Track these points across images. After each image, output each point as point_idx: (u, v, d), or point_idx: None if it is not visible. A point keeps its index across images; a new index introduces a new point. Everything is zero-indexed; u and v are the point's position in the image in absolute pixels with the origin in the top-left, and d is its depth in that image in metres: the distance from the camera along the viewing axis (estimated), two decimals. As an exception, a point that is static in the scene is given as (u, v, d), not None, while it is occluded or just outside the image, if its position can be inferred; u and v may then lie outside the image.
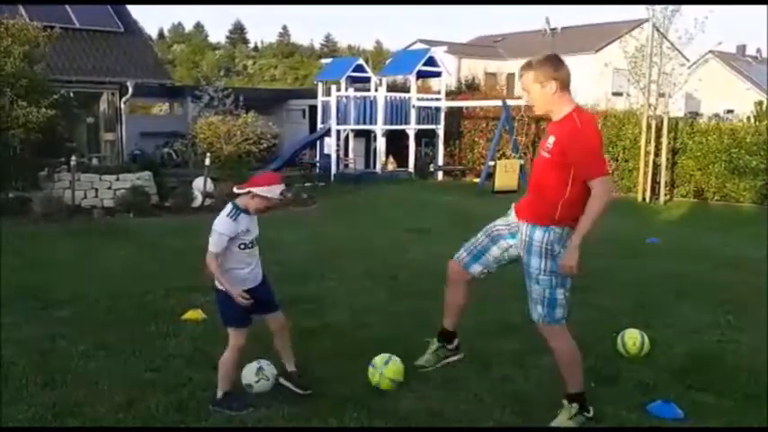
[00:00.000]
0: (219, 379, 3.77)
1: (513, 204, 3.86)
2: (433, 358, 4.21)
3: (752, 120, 16.73)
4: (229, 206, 3.71)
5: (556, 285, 3.54)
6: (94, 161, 14.07)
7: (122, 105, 16.13)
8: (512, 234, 3.77)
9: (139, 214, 11.43)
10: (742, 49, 37.86)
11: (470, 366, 4.45)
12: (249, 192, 3.64)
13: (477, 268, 3.95)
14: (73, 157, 11.84)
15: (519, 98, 19.13)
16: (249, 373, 3.92)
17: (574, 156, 3.38)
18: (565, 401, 3.61)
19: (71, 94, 13.70)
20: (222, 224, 3.63)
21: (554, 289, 3.54)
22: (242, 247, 3.68)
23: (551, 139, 3.50)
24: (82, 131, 15.96)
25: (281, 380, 3.98)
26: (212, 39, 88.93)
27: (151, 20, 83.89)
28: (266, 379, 3.92)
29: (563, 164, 3.41)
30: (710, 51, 31.40)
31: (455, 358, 4.24)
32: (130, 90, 15.72)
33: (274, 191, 3.66)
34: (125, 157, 16.10)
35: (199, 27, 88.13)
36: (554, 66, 3.48)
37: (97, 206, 11.82)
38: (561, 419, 3.57)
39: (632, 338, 4.71)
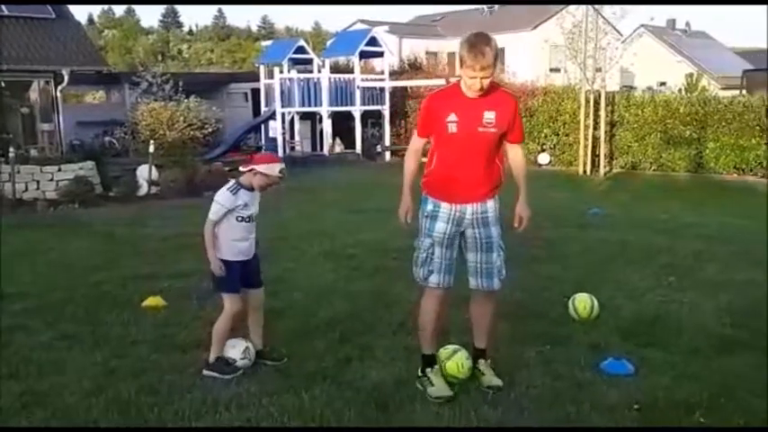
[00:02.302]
0: (213, 344, 4.00)
1: (438, 201, 3.70)
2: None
3: (683, 91, 17.41)
4: (232, 182, 4.00)
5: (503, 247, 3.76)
6: (33, 152, 13.67)
7: (58, 94, 15.67)
8: (458, 224, 3.68)
9: (84, 205, 11.22)
10: (672, 23, 39.04)
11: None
12: (252, 169, 3.93)
13: (452, 278, 3.78)
14: (11, 149, 11.49)
15: (461, 77, 19.40)
16: (236, 351, 4.03)
17: (515, 124, 3.64)
18: (485, 361, 3.87)
19: (2, 84, 13.24)
20: (222, 196, 3.92)
21: (504, 250, 3.75)
22: (239, 219, 3.95)
23: (491, 114, 3.53)
24: (17, 122, 15.45)
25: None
26: (144, 23, 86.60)
27: (79, 5, 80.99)
28: (249, 360, 4.05)
29: (503, 134, 3.62)
30: (643, 26, 32.31)
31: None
32: (66, 78, 15.28)
33: (274, 168, 3.96)
34: (64, 148, 15.67)
35: (130, 11, 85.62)
36: (497, 46, 3.49)
37: (40, 198, 11.55)
38: (495, 377, 3.79)
39: (582, 302, 4.95)
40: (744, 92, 19.50)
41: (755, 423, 3.37)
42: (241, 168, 4.02)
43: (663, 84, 26.44)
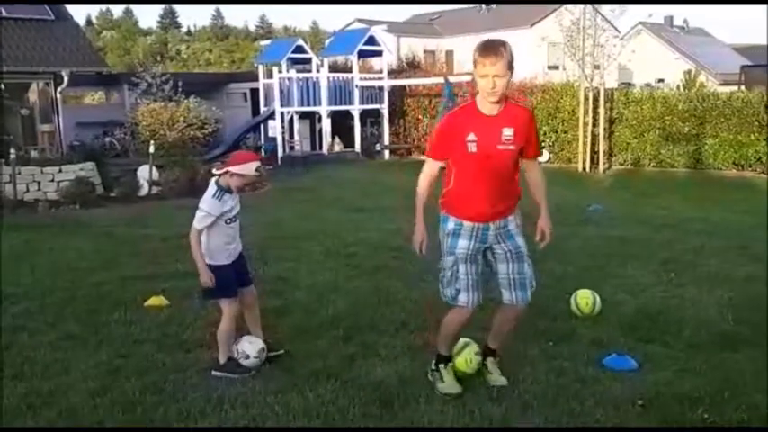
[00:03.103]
0: (220, 346, 4.01)
1: (446, 213, 3.70)
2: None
3: (681, 88, 17.41)
4: (213, 187, 3.90)
5: None
6: (33, 154, 13.67)
7: (58, 95, 15.67)
8: (482, 241, 3.61)
9: (85, 206, 11.22)
10: (669, 20, 39.03)
11: (434, 333, 4.62)
12: (227, 171, 3.86)
13: (481, 296, 3.69)
14: (12, 151, 11.50)
15: (459, 75, 19.43)
16: (252, 348, 4.02)
17: (531, 139, 3.56)
18: (493, 359, 3.86)
19: (1, 86, 13.25)
20: (209, 204, 3.84)
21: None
22: (228, 222, 3.93)
23: (509, 131, 3.45)
24: (16, 124, 15.45)
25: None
26: (143, 24, 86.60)
27: (78, 6, 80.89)
28: (260, 360, 4.04)
29: (521, 150, 3.53)
30: (641, 23, 32.28)
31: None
32: (66, 79, 15.28)
33: (249, 168, 3.88)
34: (64, 149, 15.67)
35: (128, 12, 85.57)
36: (512, 53, 3.44)
37: (41, 199, 11.55)
38: (501, 376, 3.81)
39: (584, 298, 4.97)
40: (742, 88, 19.50)
41: (758, 418, 3.38)
42: (215, 171, 3.94)
43: (661, 80, 26.44)
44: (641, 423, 3.36)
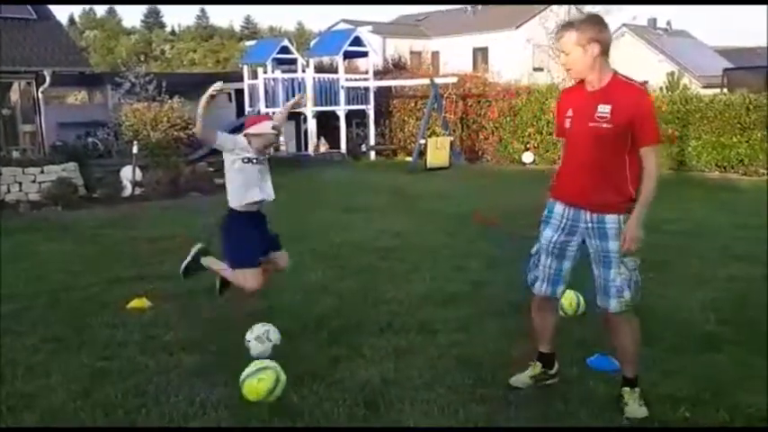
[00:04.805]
0: (219, 270, 4.19)
1: (549, 197, 3.56)
2: (530, 381, 3.77)
3: (665, 90, 17.54)
4: None
5: (637, 265, 3.38)
6: (15, 154, 13.51)
7: (40, 95, 15.52)
8: (569, 233, 3.49)
9: (68, 207, 11.11)
10: (653, 22, 39.33)
11: (419, 335, 4.65)
12: (246, 135, 3.96)
13: (560, 288, 3.64)
14: (-7, 151, 11.38)
15: (446, 76, 19.48)
16: (251, 334, 4.04)
17: (641, 120, 3.22)
18: (627, 389, 3.45)
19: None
20: (227, 136, 4.11)
21: (636, 270, 3.37)
22: (245, 161, 3.95)
23: (605, 108, 3.23)
24: (-3, 124, 15.31)
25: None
26: (126, 23, 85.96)
27: (60, 5, 79.85)
28: (265, 342, 4.05)
29: (625, 133, 3.22)
30: (624, 25, 32.53)
31: (550, 382, 3.80)
32: (48, 79, 15.15)
33: (266, 126, 3.97)
34: (47, 149, 15.52)
35: (112, 12, 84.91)
36: (598, 27, 3.26)
37: (22, 200, 11.41)
38: (633, 408, 3.40)
39: (569, 299, 4.98)
40: (725, 90, 19.70)
41: (740, 417, 3.41)
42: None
43: (645, 82, 26.62)
44: (625, 423, 3.38)
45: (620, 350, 3.55)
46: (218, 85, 3.77)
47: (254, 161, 3.97)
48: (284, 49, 20.02)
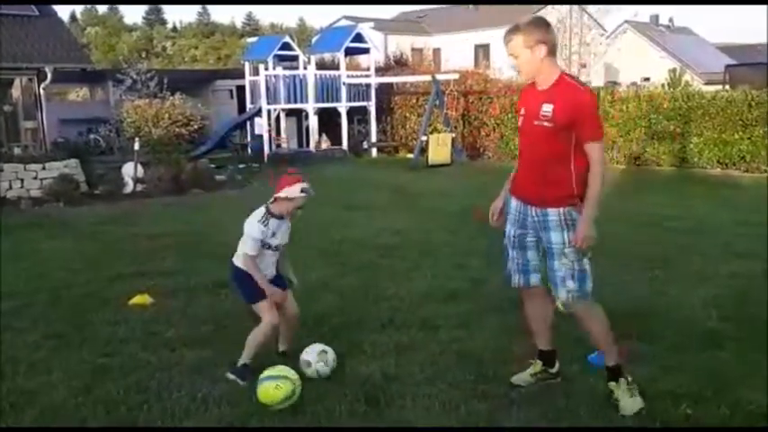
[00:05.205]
0: (246, 349, 3.92)
1: (507, 188, 3.67)
2: (531, 380, 3.79)
3: (667, 86, 17.50)
4: (262, 209, 3.94)
5: (581, 256, 3.40)
6: (16, 150, 13.51)
7: (41, 92, 15.52)
8: (522, 226, 3.56)
9: (69, 203, 11.11)
10: (655, 18, 39.27)
11: (421, 331, 4.65)
12: (275, 199, 3.91)
13: (533, 278, 3.63)
14: (-6, 148, 11.39)
15: (447, 72, 19.45)
16: (311, 355, 3.94)
17: (581, 120, 3.28)
18: (612, 383, 3.50)
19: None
20: (254, 229, 3.88)
21: (581, 260, 3.40)
22: (266, 247, 3.93)
23: (549, 107, 3.32)
24: (-1, 120, 15.32)
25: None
26: (128, 20, 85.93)
27: (63, 4, 79.51)
28: (323, 364, 3.92)
29: (567, 130, 3.30)
30: (626, 22, 32.47)
31: (551, 381, 3.81)
32: (49, 75, 15.14)
33: (294, 191, 3.88)
34: (48, 146, 15.53)
35: (113, 9, 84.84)
36: (544, 29, 3.37)
37: (24, 197, 11.42)
38: (624, 403, 3.43)
39: (570, 296, 4.98)
40: (727, 87, 19.66)
41: (740, 414, 3.41)
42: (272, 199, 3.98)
43: (647, 79, 26.59)
44: (625, 420, 3.38)
45: (592, 338, 3.62)
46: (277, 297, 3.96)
47: (274, 248, 3.96)
48: (286, 46, 20.00)
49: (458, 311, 5.10)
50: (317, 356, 3.92)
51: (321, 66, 20.53)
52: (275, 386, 3.50)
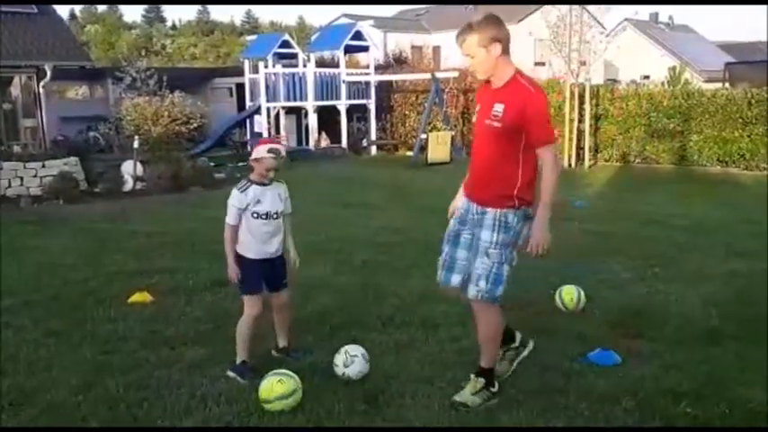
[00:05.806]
0: (238, 346, 3.93)
1: (461, 188, 3.63)
2: (506, 365, 3.76)
3: (667, 84, 17.49)
4: (243, 180, 3.97)
5: (504, 261, 3.37)
6: (16, 148, 13.50)
7: (41, 90, 15.49)
8: (461, 222, 3.55)
9: (69, 201, 11.12)
10: (655, 16, 39.26)
11: (420, 329, 4.65)
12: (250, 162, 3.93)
13: (454, 277, 3.56)
14: (-6, 146, 11.38)
15: (447, 70, 19.43)
16: (338, 360, 3.88)
17: (529, 121, 3.22)
18: (473, 375, 3.56)
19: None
20: (233, 197, 3.90)
21: (502, 265, 3.37)
22: (255, 216, 3.88)
23: (500, 107, 3.27)
24: (-2, 118, 15.30)
25: (274, 353, 4.19)
26: (127, 18, 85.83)
27: (63, 4, 79.25)
28: (351, 358, 3.85)
29: (516, 132, 3.25)
30: (626, 20, 32.45)
31: (525, 353, 3.79)
32: (49, 73, 15.11)
33: (261, 151, 3.87)
34: (48, 144, 15.51)
35: (112, 7, 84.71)
36: (497, 26, 3.32)
37: (23, 195, 11.42)
38: (466, 393, 3.51)
39: (569, 294, 5.00)
40: (726, 85, 19.65)
41: (740, 412, 3.42)
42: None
43: (646, 77, 26.58)
44: (625, 417, 3.39)
45: (479, 335, 3.58)
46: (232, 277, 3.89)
47: (264, 216, 3.90)
48: (285, 44, 19.97)
49: (457, 310, 5.06)
50: (342, 357, 3.86)
51: (321, 64, 20.51)
52: (278, 380, 3.51)
